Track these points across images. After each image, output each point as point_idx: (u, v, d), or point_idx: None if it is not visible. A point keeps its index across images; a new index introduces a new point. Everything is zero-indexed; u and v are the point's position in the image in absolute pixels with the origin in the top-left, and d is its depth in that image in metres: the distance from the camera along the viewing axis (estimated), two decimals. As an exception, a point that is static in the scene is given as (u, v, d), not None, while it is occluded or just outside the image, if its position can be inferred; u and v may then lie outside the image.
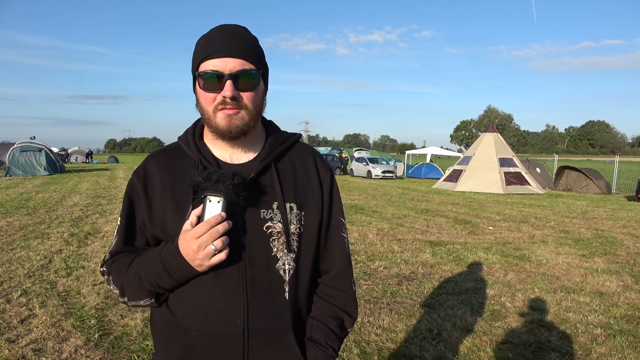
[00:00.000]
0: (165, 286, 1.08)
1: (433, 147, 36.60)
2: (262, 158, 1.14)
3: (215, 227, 0.99)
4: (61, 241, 7.05)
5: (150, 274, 1.07)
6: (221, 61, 1.04)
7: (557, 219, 10.70)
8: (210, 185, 1.00)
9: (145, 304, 1.13)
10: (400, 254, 6.74)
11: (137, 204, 1.15)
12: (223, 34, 1.07)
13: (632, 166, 26.07)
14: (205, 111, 1.08)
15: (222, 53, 1.05)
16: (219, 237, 0.99)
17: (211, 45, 1.06)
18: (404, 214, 11.07)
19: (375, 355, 3.41)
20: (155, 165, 1.16)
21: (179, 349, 1.11)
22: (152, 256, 1.09)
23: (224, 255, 1.01)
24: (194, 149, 1.14)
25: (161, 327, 1.16)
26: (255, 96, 1.09)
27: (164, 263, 1.05)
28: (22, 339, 3.53)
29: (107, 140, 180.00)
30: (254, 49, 1.10)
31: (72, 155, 47.13)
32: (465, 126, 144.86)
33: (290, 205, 1.14)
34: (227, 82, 1.04)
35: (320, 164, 1.24)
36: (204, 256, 1.00)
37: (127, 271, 1.12)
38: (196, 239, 0.99)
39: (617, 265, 6.33)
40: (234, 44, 1.06)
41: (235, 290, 1.08)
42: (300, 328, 1.17)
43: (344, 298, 1.23)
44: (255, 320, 1.09)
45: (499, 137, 19.22)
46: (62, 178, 21.16)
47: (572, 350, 3.59)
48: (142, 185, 1.14)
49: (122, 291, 1.14)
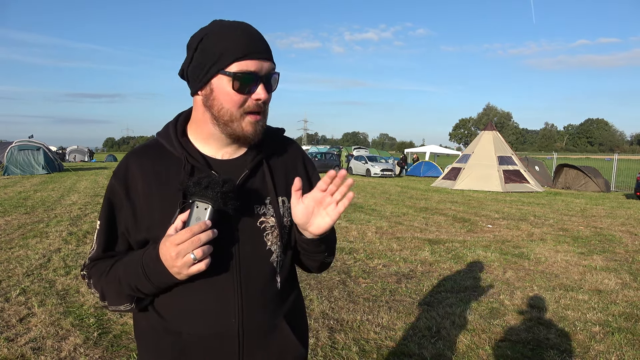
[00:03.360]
0: (145, 291, 1.04)
1: (432, 145, 36.62)
2: (254, 154, 1.12)
3: (198, 235, 0.93)
4: (60, 240, 7.04)
5: (130, 278, 1.03)
6: (257, 63, 1.01)
7: (555, 217, 10.72)
8: (198, 190, 0.96)
9: (125, 309, 1.08)
10: (399, 252, 6.74)
11: (119, 208, 1.09)
12: (249, 33, 1.03)
13: (630, 164, 26.09)
14: (228, 113, 1.03)
15: (259, 54, 1.02)
16: (200, 245, 0.94)
17: (246, 44, 1.01)
18: (402, 212, 11.08)
19: (374, 353, 3.42)
20: (136, 165, 1.09)
21: (171, 353, 1.07)
22: (134, 259, 1.04)
23: (203, 265, 0.96)
24: (178, 146, 1.08)
25: (149, 332, 1.11)
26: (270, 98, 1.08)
27: (144, 267, 1.01)
28: (21, 338, 3.53)
29: (106, 139, 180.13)
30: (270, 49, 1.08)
31: (71, 154, 47.00)
32: (464, 124, 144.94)
33: (282, 199, 1.13)
34: (260, 85, 1.01)
35: (307, 161, 1.25)
36: (182, 264, 0.95)
37: (108, 275, 1.07)
38: (176, 246, 0.94)
39: (615, 263, 6.34)
40: (264, 45, 1.04)
41: (229, 289, 1.06)
42: (289, 314, 1.16)
43: None
44: (249, 317, 1.08)
45: (498, 135, 19.23)
46: (60, 177, 21.13)
47: (570, 348, 3.59)
48: (124, 188, 1.08)
49: (103, 295, 1.09)
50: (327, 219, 1.03)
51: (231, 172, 1.08)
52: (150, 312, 1.11)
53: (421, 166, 27.37)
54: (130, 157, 1.11)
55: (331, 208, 1.03)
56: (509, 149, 19.09)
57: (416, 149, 37.15)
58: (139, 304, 1.09)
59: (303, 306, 1.27)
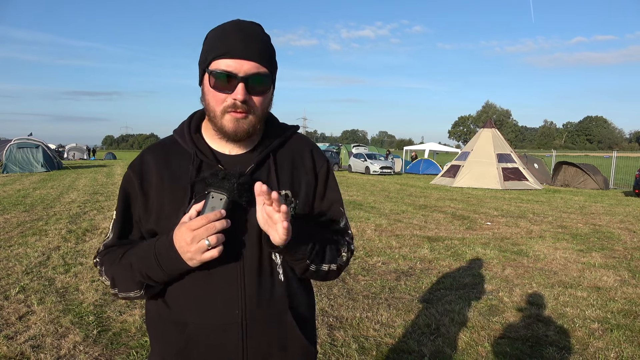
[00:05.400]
0: (156, 278, 1.06)
1: (431, 142, 36.52)
2: (261, 150, 1.14)
3: (213, 222, 0.97)
4: (59, 238, 7.04)
5: (141, 265, 1.06)
6: (236, 62, 1.02)
7: (554, 215, 10.73)
8: (215, 181, 1.00)
9: (135, 295, 1.11)
10: (398, 249, 6.75)
11: (133, 198, 1.14)
12: (239, 32, 1.04)
13: (629, 161, 26.10)
14: (212, 110, 1.07)
15: (238, 54, 1.02)
16: (214, 233, 0.97)
17: (226, 43, 1.03)
18: (402, 209, 11.08)
19: (373, 351, 3.43)
20: (151, 159, 1.14)
21: (177, 343, 1.10)
22: (146, 246, 1.07)
23: (216, 252, 0.98)
24: (189, 142, 1.13)
25: (157, 321, 1.15)
26: (265, 100, 1.08)
27: (157, 254, 1.03)
28: (20, 336, 3.53)
29: (105, 137, 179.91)
30: (268, 50, 1.08)
31: (70, 152, 46.89)
32: (464, 122, 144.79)
33: (286, 192, 1.14)
34: (239, 84, 1.02)
35: (317, 154, 1.24)
36: (196, 249, 0.97)
37: (120, 262, 1.10)
38: (192, 231, 0.97)
39: (614, 260, 6.36)
40: (250, 45, 1.04)
41: (233, 280, 1.08)
42: (296, 307, 1.16)
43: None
44: (253, 308, 1.09)
45: (497, 132, 19.24)
46: (59, 175, 21.11)
47: (569, 345, 3.60)
48: (139, 179, 1.13)
49: (113, 282, 1.12)
50: (276, 236, 0.99)
51: (238, 166, 1.11)
52: (158, 302, 1.14)
53: (420, 164, 27.38)
54: (146, 152, 1.17)
55: (278, 226, 0.97)
56: (508, 146, 19.10)
57: (415, 146, 37.01)
58: (148, 291, 1.11)
59: (312, 300, 1.26)
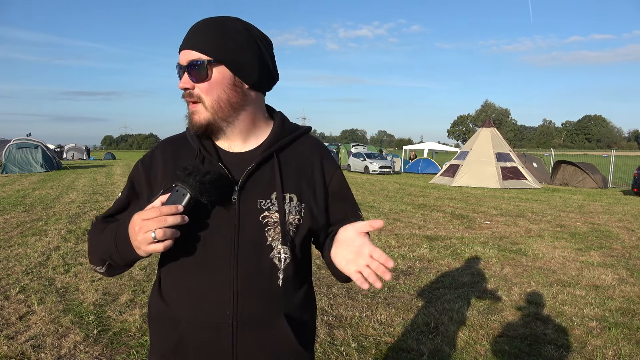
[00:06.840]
0: (114, 257, 1.07)
1: (430, 142, 36.49)
2: (265, 148, 1.13)
3: (165, 216, 0.94)
4: (59, 238, 7.05)
5: (107, 243, 1.07)
6: (182, 54, 1.08)
7: (553, 213, 10.75)
8: (182, 176, 0.99)
9: (99, 270, 1.14)
10: (397, 248, 6.77)
11: (138, 188, 1.17)
12: (195, 27, 1.09)
13: (628, 160, 26.17)
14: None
15: (184, 45, 1.08)
16: (164, 227, 0.94)
17: (183, 38, 1.09)
18: (401, 209, 11.10)
19: (372, 349, 3.44)
20: (160, 154, 1.17)
21: (172, 340, 1.11)
22: (115, 227, 1.08)
23: (161, 247, 0.95)
24: (195, 138, 1.13)
25: (155, 317, 1.16)
26: (210, 88, 1.05)
27: (117, 236, 1.05)
28: (21, 336, 3.54)
29: (104, 137, 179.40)
30: (215, 38, 1.05)
31: (69, 152, 46.83)
32: (463, 121, 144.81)
33: (290, 196, 1.12)
34: (184, 74, 1.07)
35: (327, 159, 1.21)
36: (142, 239, 0.96)
37: (99, 234, 1.12)
38: (142, 220, 0.95)
39: (612, 259, 6.38)
40: (197, 36, 1.07)
41: (226, 280, 1.07)
42: (291, 313, 1.14)
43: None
44: (245, 310, 1.08)
45: (496, 132, 19.25)
46: (58, 175, 21.09)
47: (567, 343, 3.62)
48: (146, 172, 1.16)
49: (88, 250, 1.16)
50: (355, 277, 0.98)
51: (240, 165, 1.10)
52: (157, 298, 1.16)
53: (419, 163, 27.39)
54: (158, 146, 1.21)
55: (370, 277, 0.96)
56: (507, 145, 19.12)
57: (414, 145, 36.95)
58: (110, 270, 1.14)
59: (312, 307, 1.24)
